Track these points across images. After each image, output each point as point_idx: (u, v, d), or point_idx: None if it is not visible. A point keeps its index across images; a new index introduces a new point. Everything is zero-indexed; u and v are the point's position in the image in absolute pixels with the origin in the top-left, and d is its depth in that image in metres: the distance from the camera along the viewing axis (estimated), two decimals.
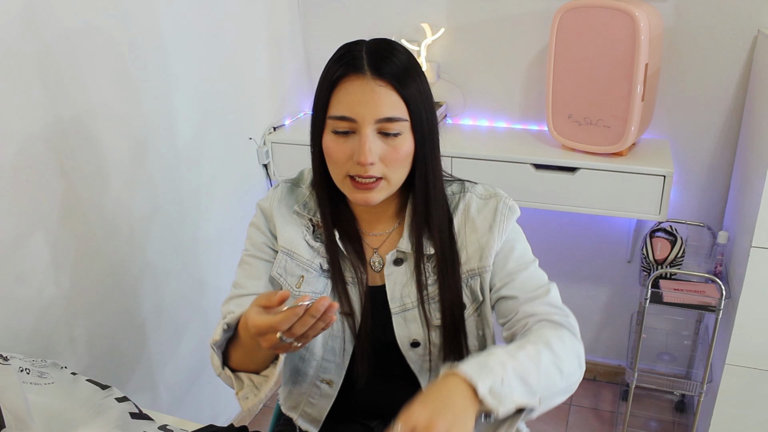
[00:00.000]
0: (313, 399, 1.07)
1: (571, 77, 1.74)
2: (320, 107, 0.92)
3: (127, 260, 1.53)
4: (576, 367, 0.88)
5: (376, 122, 0.88)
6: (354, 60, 0.89)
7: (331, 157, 0.92)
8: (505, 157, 1.84)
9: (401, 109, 0.89)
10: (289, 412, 1.11)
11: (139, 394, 1.63)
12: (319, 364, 1.03)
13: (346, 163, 0.90)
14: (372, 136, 0.88)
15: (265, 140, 2.05)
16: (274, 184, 1.09)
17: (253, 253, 1.03)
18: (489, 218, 0.98)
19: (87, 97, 1.36)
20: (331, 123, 0.90)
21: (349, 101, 0.88)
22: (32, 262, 1.28)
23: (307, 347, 1.02)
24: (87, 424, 0.86)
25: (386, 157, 0.90)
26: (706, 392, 1.81)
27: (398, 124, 0.89)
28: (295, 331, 0.76)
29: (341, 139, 0.90)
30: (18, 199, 1.23)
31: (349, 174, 0.91)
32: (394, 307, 0.99)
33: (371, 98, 0.87)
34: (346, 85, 0.89)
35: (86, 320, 1.43)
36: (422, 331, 0.98)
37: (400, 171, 0.92)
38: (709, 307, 1.73)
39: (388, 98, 0.88)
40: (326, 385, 1.05)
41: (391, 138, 0.90)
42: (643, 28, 1.59)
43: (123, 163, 1.48)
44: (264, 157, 2.05)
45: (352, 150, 0.89)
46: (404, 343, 1.00)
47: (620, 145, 1.73)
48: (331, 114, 0.90)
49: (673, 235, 1.86)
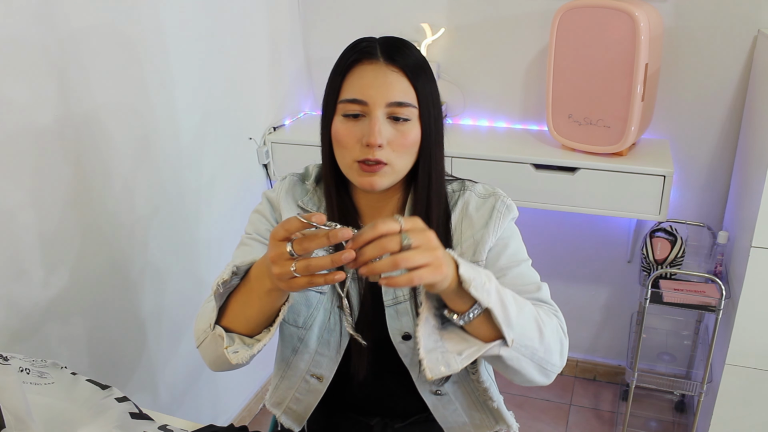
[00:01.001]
0: (300, 394, 1.07)
1: (571, 77, 1.74)
2: (332, 93, 0.94)
3: (127, 260, 1.53)
4: (557, 348, 0.88)
5: (387, 106, 0.90)
6: (368, 47, 0.92)
7: (340, 141, 0.93)
8: (505, 157, 1.84)
9: (411, 95, 0.91)
10: (273, 408, 1.12)
11: (139, 394, 1.63)
12: (312, 358, 1.03)
13: (355, 147, 0.91)
14: (382, 119, 0.90)
15: (265, 140, 2.05)
16: (281, 177, 1.10)
17: (254, 237, 1.04)
18: (486, 215, 1.00)
19: (90, 97, 1.36)
20: (342, 107, 0.92)
21: (361, 84, 0.90)
22: (32, 262, 1.28)
23: (301, 339, 1.02)
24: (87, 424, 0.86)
25: (394, 141, 0.91)
26: (706, 392, 1.81)
27: (408, 110, 0.91)
28: (306, 246, 0.72)
29: (351, 122, 0.92)
30: (18, 199, 1.23)
31: (357, 159, 0.92)
32: (387, 300, 1.00)
33: (383, 82, 0.90)
34: (359, 70, 0.91)
35: (86, 320, 1.43)
36: (413, 323, 0.99)
37: (406, 158, 0.93)
38: (709, 307, 1.73)
39: (400, 83, 0.90)
40: (316, 380, 1.05)
41: (401, 123, 0.91)
42: (643, 28, 1.59)
43: (123, 163, 1.48)
44: (264, 157, 2.05)
45: (362, 133, 0.91)
46: (396, 336, 1.00)
47: (620, 145, 1.74)
48: (343, 98, 0.92)
49: (673, 235, 1.86)
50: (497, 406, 1.06)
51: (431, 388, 1.04)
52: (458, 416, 1.07)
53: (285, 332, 1.06)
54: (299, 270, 0.73)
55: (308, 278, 0.74)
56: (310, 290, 1.01)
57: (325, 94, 0.96)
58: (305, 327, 1.02)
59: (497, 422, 1.08)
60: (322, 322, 1.01)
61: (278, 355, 1.09)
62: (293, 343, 1.04)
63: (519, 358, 0.83)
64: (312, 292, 1.01)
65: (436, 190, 0.99)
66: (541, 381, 0.89)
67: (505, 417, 1.07)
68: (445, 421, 1.07)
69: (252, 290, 0.86)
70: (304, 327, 1.02)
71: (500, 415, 1.07)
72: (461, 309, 0.80)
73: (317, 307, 1.01)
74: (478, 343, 0.81)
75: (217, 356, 0.89)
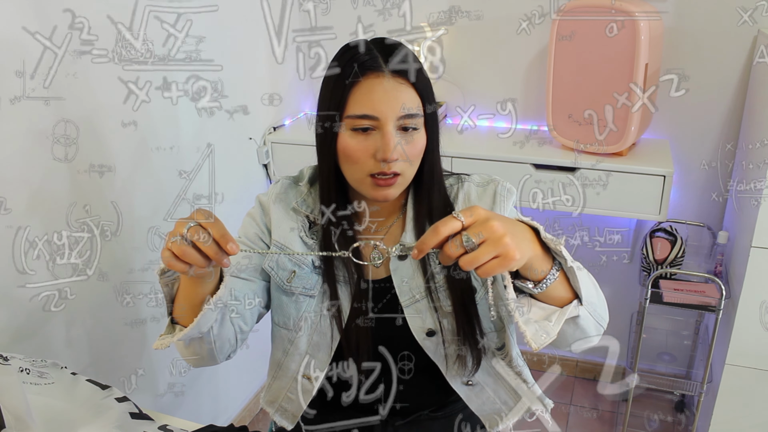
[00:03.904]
0: (291, 394, 1.08)
1: (571, 77, 1.74)
2: (335, 106, 0.92)
3: (128, 260, 1.53)
4: (604, 302, 0.89)
5: (398, 119, 0.90)
6: (370, 60, 0.90)
7: (351, 156, 0.92)
8: (505, 157, 1.84)
9: (418, 105, 0.92)
10: (266, 406, 1.12)
11: (139, 394, 1.63)
12: (302, 359, 1.04)
13: (368, 162, 0.91)
14: (393, 132, 0.90)
15: (265, 140, 2.05)
16: (274, 180, 1.11)
17: (242, 240, 1.05)
18: (489, 201, 1.02)
19: (91, 97, 1.36)
20: (350, 122, 0.91)
21: (371, 99, 0.89)
22: (32, 262, 1.28)
23: (291, 342, 1.03)
24: (87, 424, 0.86)
25: (406, 151, 0.92)
26: (706, 392, 1.81)
27: (416, 120, 0.92)
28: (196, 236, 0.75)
29: (361, 137, 0.91)
30: (18, 199, 1.23)
31: (371, 173, 0.91)
32: (405, 301, 1.00)
33: (393, 96, 0.90)
34: (366, 84, 0.90)
35: (86, 320, 1.43)
36: (435, 319, 0.99)
37: (415, 166, 0.94)
38: (709, 307, 1.73)
39: (408, 96, 0.91)
40: (306, 381, 1.05)
41: (410, 133, 0.92)
42: (643, 28, 1.58)
43: (124, 163, 1.48)
44: (264, 157, 2.05)
45: (374, 148, 0.90)
46: (419, 334, 1.00)
47: (620, 145, 1.73)
48: (351, 113, 0.90)
49: (673, 235, 1.86)
50: (532, 387, 1.06)
51: (462, 380, 1.04)
52: (492, 403, 1.07)
53: (276, 334, 1.06)
54: (175, 248, 0.73)
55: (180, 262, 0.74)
56: (299, 294, 1.01)
57: (325, 105, 0.94)
58: (295, 330, 1.02)
59: (532, 403, 1.08)
60: (312, 325, 1.02)
61: (271, 356, 1.10)
62: (284, 345, 1.05)
63: (587, 316, 0.83)
64: (301, 296, 1.01)
65: (437, 187, 1.00)
66: (595, 340, 0.88)
67: (540, 397, 1.08)
68: (481, 409, 1.07)
69: (182, 279, 0.86)
70: (294, 330, 1.02)
71: (534, 396, 1.08)
72: (537, 277, 0.78)
73: (307, 310, 1.01)
74: (554, 309, 0.81)
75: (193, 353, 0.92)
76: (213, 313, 0.86)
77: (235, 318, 0.98)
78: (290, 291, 1.01)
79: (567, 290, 0.81)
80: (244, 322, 1.00)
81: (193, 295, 0.85)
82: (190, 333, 0.86)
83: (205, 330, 0.89)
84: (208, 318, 0.86)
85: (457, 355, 1.00)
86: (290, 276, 1.01)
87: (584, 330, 0.85)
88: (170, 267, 0.76)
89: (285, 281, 1.01)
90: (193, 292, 0.85)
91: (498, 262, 0.70)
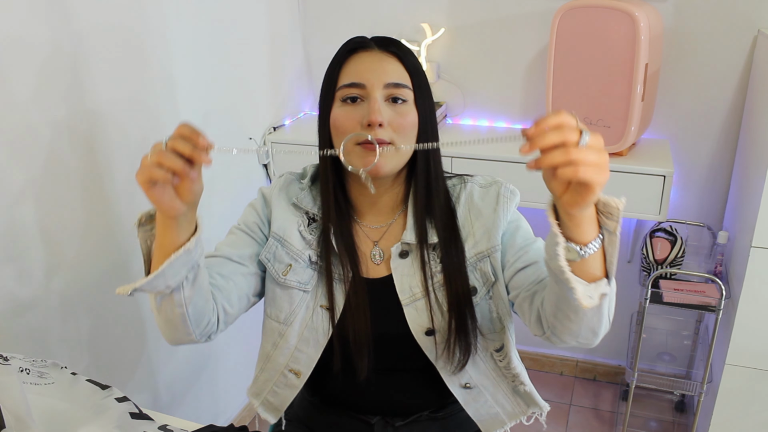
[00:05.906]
0: (277, 388, 1.08)
1: (571, 77, 1.74)
2: (329, 85, 0.97)
3: (128, 259, 1.53)
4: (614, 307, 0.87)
5: (385, 87, 0.93)
6: (362, 40, 0.98)
7: (340, 125, 0.94)
8: (505, 157, 1.84)
9: (406, 78, 0.96)
10: (252, 398, 1.13)
11: (139, 394, 1.63)
12: (291, 353, 1.04)
13: (356, 130, 0.92)
14: (381, 100, 0.93)
15: (265, 140, 2.05)
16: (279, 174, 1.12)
17: (242, 228, 1.06)
18: (492, 202, 1.02)
19: (90, 97, 1.36)
20: (340, 93, 0.95)
21: (358, 69, 0.95)
22: (32, 262, 1.28)
23: (282, 335, 1.03)
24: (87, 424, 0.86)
25: (393, 122, 0.93)
26: (706, 392, 1.81)
27: (404, 91, 0.95)
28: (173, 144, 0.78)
29: (349, 107, 0.94)
30: (19, 199, 1.23)
31: (358, 142, 0.92)
32: (405, 299, 1.00)
33: (380, 65, 0.94)
34: (355, 58, 0.96)
35: (86, 320, 1.43)
36: (434, 318, 0.99)
37: (407, 140, 0.95)
38: (709, 307, 1.73)
39: (395, 66, 0.95)
40: (293, 375, 1.06)
41: (399, 105, 0.94)
42: (643, 28, 1.59)
43: (124, 163, 1.48)
44: (264, 157, 2.05)
45: (361, 115, 0.93)
46: (418, 332, 1.00)
47: (620, 145, 1.73)
48: (341, 84, 0.95)
49: (673, 235, 1.86)
50: (529, 390, 1.07)
51: (460, 382, 1.04)
52: (490, 407, 1.07)
53: (267, 327, 1.07)
54: (153, 157, 0.74)
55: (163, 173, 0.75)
56: (294, 288, 1.02)
57: (323, 89, 0.99)
58: (286, 323, 1.03)
59: (529, 406, 1.09)
60: (303, 320, 1.02)
61: (260, 348, 1.10)
62: (273, 338, 1.05)
63: (612, 299, 0.82)
64: (295, 290, 1.02)
65: (436, 181, 1.00)
66: (604, 331, 0.86)
67: (537, 400, 1.08)
68: (478, 414, 1.07)
69: (158, 226, 0.84)
70: (285, 323, 1.03)
71: (532, 399, 1.08)
72: (585, 238, 0.74)
73: (299, 305, 1.02)
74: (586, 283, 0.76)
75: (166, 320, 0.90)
76: (182, 266, 0.83)
77: (217, 294, 0.96)
78: (285, 284, 1.02)
79: (600, 267, 0.76)
80: (228, 302, 0.98)
81: (167, 244, 0.82)
82: (154, 282, 0.83)
83: (173, 284, 0.85)
84: (175, 268, 0.82)
85: (451, 352, 1.00)
86: (286, 269, 1.01)
87: (601, 317, 0.82)
88: (152, 181, 0.75)
89: (280, 274, 1.02)
90: (168, 241, 0.82)
91: (596, 170, 0.65)
